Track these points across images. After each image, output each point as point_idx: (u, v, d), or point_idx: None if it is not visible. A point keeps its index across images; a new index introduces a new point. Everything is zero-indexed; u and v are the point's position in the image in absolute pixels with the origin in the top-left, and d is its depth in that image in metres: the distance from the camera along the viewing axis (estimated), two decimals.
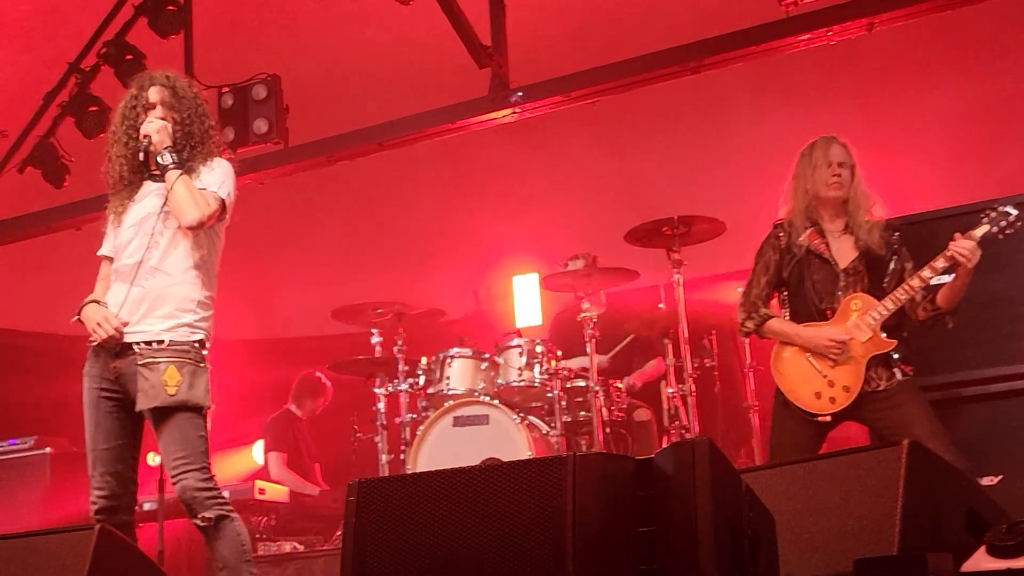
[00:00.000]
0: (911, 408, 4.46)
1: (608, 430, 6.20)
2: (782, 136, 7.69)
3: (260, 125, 6.92)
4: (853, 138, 4.91)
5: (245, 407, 8.94)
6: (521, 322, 8.47)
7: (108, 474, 4.11)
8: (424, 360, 6.52)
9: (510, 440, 5.99)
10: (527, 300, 8.69)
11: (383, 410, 6.64)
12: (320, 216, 9.29)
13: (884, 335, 4.51)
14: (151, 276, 4.13)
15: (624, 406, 6.44)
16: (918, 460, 2.90)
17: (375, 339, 6.79)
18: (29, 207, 7.58)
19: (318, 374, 8.10)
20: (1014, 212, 4.45)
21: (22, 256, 8.18)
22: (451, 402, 6.22)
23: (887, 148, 7.35)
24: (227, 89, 7.04)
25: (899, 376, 4.52)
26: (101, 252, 4.40)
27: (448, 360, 6.41)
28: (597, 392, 6.09)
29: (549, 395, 6.24)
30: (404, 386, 6.53)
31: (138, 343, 4.07)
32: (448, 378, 6.35)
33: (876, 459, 2.96)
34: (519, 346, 6.31)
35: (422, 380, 6.47)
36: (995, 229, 4.44)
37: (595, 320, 6.17)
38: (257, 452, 8.64)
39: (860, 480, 2.95)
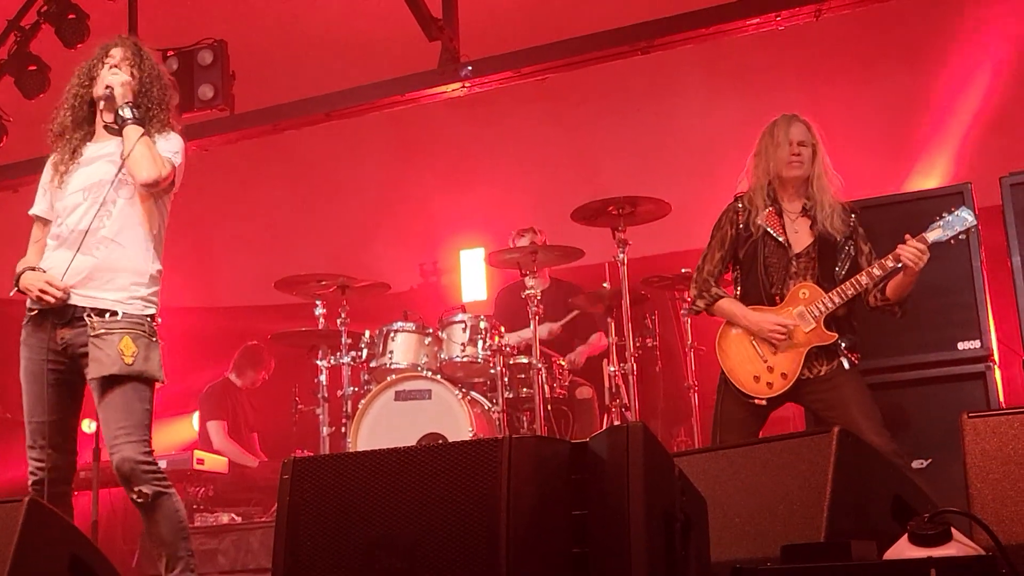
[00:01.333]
0: (848, 390, 4.52)
1: (550, 407, 6.23)
2: (730, 120, 7.77)
3: (205, 91, 6.85)
4: None
5: (185, 377, 8.86)
6: (467, 296, 8.48)
7: (49, 446, 4.03)
8: (367, 333, 6.50)
9: (452, 415, 6.00)
10: (473, 275, 8.70)
11: (325, 383, 6.61)
12: (265, 185, 9.21)
13: (833, 324, 4.55)
14: (102, 246, 4.03)
15: (566, 384, 6.48)
16: (848, 447, 2.95)
17: (318, 311, 6.74)
18: None
19: (261, 347, 8.04)
20: (971, 220, 4.49)
21: None
22: (394, 376, 6.22)
23: (830, 135, 7.41)
24: (172, 53, 6.95)
25: (843, 364, 4.57)
26: (35, 212, 4.28)
27: (391, 334, 6.39)
28: (539, 369, 6.11)
29: (492, 371, 6.25)
30: (347, 359, 6.50)
31: (89, 313, 3.97)
32: (391, 352, 6.34)
33: (807, 445, 3.00)
34: (463, 322, 6.31)
35: (365, 353, 6.45)
36: (948, 234, 4.48)
37: (539, 297, 6.18)
38: (196, 421, 8.58)
39: (791, 466, 3.00)
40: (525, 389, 6.33)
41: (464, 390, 6.17)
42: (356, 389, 6.45)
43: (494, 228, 8.21)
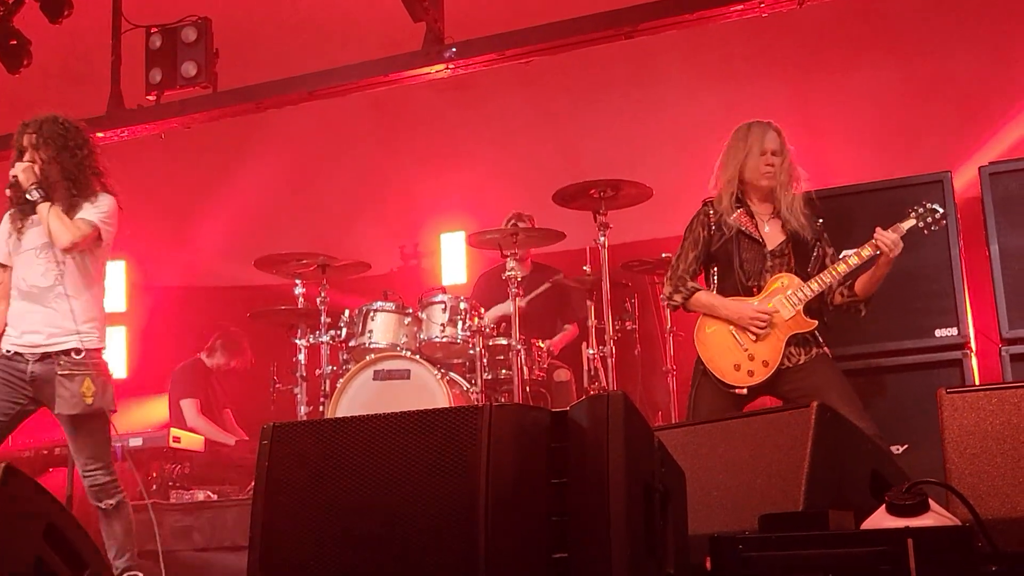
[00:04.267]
0: (825, 376, 4.56)
1: (528, 389, 6.23)
2: (712, 108, 7.79)
3: (189, 68, 6.81)
4: (781, 114, 4.98)
5: (166, 354, 8.83)
6: (447, 279, 8.46)
7: None
8: (347, 313, 6.49)
9: (430, 395, 6.00)
10: (454, 258, 8.68)
11: (303, 361, 6.60)
12: (247, 164, 9.16)
13: (809, 315, 4.59)
14: (62, 300, 4.78)
15: (545, 366, 6.49)
16: (826, 422, 2.97)
17: (298, 290, 6.73)
18: None
19: (240, 333, 8.00)
20: (940, 210, 4.57)
21: None
22: (373, 355, 6.21)
23: (814, 124, 7.45)
24: (156, 30, 6.92)
25: (820, 353, 4.61)
26: None
27: (371, 314, 6.39)
28: (519, 351, 6.11)
29: (471, 352, 6.26)
30: (326, 338, 6.49)
31: (56, 354, 4.74)
32: (370, 331, 6.33)
33: (787, 420, 3.02)
34: (443, 302, 6.31)
35: (344, 333, 6.44)
36: (920, 224, 4.56)
37: (520, 279, 6.19)
38: (169, 394, 8.53)
39: (771, 439, 3.02)
40: (504, 370, 6.34)
41: (443, 370, 6.17)
42: (335, 368, 6.44)
43: (475, 211, 8.21)
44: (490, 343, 6.31)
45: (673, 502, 2.75)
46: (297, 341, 6.64)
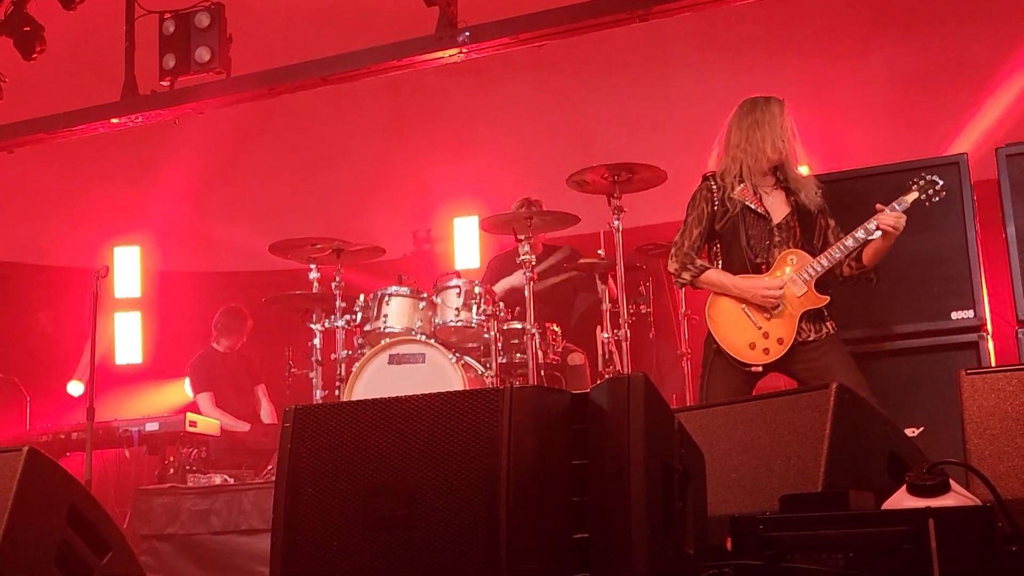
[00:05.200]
0: (835, 358, 4.58)
1: (543, 372, 6.25)
2: (726, 91, 7.72)
3: (202, 54, 6.80)
4: (795, 97, 4.96)
5: (181, 339, 8.88)
6: (460, 264, 8.48)
7: None
8: (362, 297, 6.51)
9: (445, 379, 6.01)
10: (467, 242, 8.69)
11: (319, 346, 6.62)
12: (261, 150, 9.19)
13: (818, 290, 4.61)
14: None
15: (559, 349, 6.50)
16: (845, 403, 2.97)
17: (313, 275, 6.74)
18: None
19: (238, 308, 8.03)
20: (940, 181, 4.59)
21: None
22: (388, 340, 6.23)
23: (828, 107, 7.44)
24: (169, 15, 6.90)
25: (828, 329, 4.62)
26: None
27: (386, 298, 6.41)
28: (533, 335, 6.13)
29: (485, 336, 6.28)
30: (341, 323, 6.51)
31: None
32: (385, 316, 6.35)
33: (805, 401, 3.02)
34: (457, 286, 6.33)
35: (359, 317, 6.46)
36: (923, 196, 4.61)
37: (533, 263, 6.19)
38: (188, 385, 8.59)
39: (789, 421, 3.02)
40: (518, 354, 6.35)
41: (458, 354, 6.19)
42: (350, 353, 6.46)
43: (488, 196, 8.21)
44: (504, 327, 6.32)
45: (693, 483, 2.76)
46: (312, 326, 6.66)
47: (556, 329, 6.51)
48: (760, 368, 4.61)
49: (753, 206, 4.67)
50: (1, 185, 8.54)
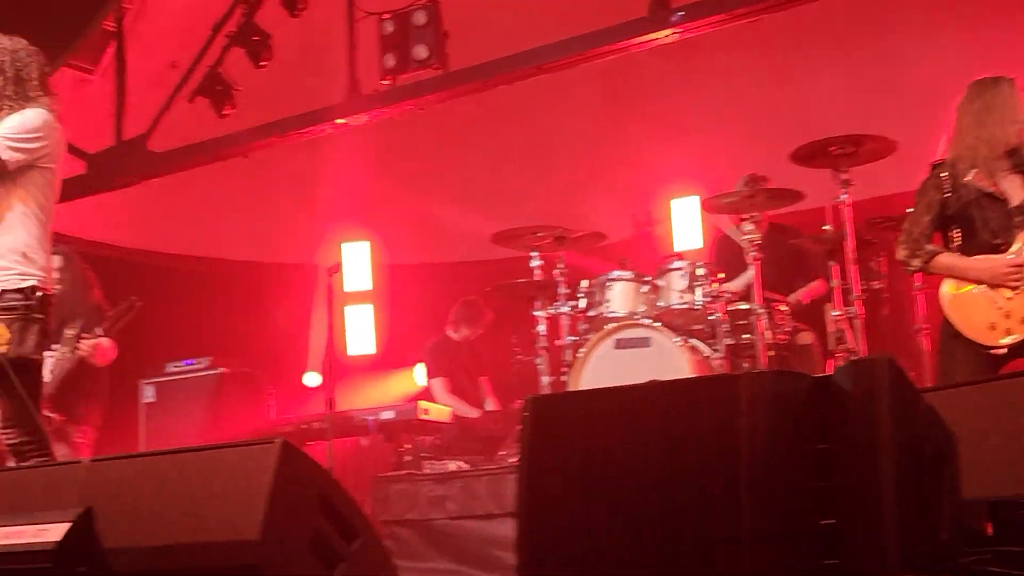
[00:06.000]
0: None
1: (771, 353, 6.13)
2: (954, 54, 7.42)
3: (420, 51, 6.97)
4: None
5: (411, 329, 9.15)
6: (680, 245, 8.40)
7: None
8: (585, 283, 6.54)
9: (672, 363, 5.98)
10: (686, 223, 8.60)
11: (544, 333, 6.69)
12: (478, 141, 9.35)
13: None
14: None
15: (788, 329, 6.36)
16: None
17: (535, 262, 6.82)
18: (198, 136, 7.82)
19: (478, 300, 8.21)
20: None
21: (194, 184, 8.47)
22: (612, 325, 6.24)
23: None
24: (388, 16, 7.11)
25: None
26: None
27: (608, 283, 6.42)
28: (760, 315, 6.02)
29: (711, 317, 6.20)
30: (565, 309, 6.56)
31: None
32: (609, 301, 6.36)
33: None
34: (680, 268, 6.28)
35: (583, 303, 6.50)
36: None
37: (758, 242, 6.08)
38: (418, 374, 8.85)
39: None
40: (745, 335, 6.25)
41: (683, 337, 6.14)
42: (575, 339, 6.50)
43: (707, 176, 8.08)
44: (730, 308, 6.23)
45: (946, 466, 2.66)
46: (536, 313, 6.74)
47: (783, 308, 6.37)
48: (1004, 350, 4.40)
49: (990, 190, 4.48)
50: (238, 188, 9.00)
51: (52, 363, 6.38)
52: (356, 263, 9.57)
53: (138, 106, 7.99)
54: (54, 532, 3.17)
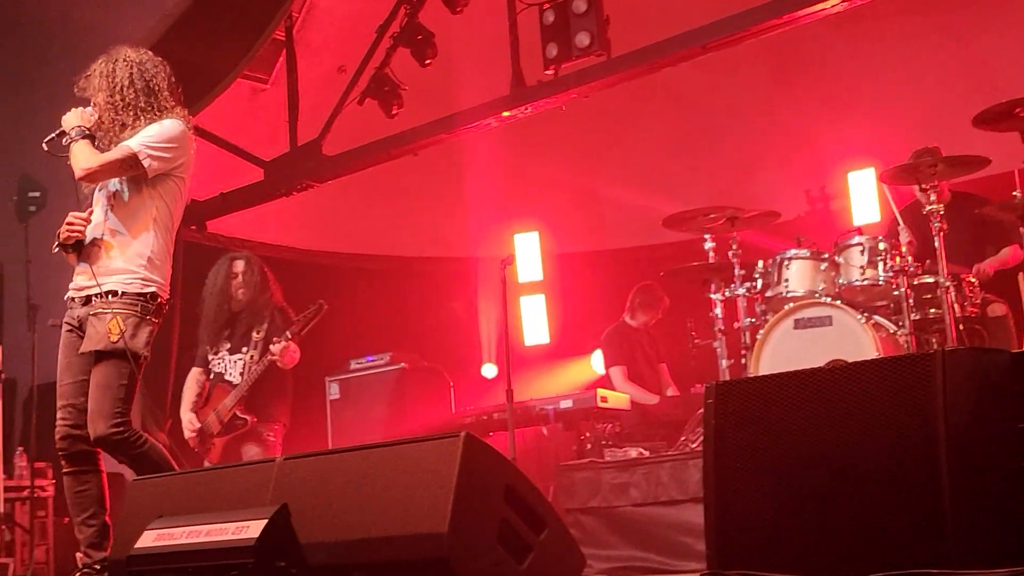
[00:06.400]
0: None
1: (961, 327, 5.88)
2: None
3: (582, 39, 6.93)
4: None
5: (580, 320, 9.16)
6: (859, 220, 8.15)
7: (70, 406, 4.49)
8: (761, 263, 6.42)
9: (855, 341, 5.80)
10: (864, 197, 8.33)
11: (720, 316, 6.59)
12: (643, 125, 9.27)
13: None
14: (107, 239, 4.49)
15: (977, 301, 6.09)
16: None
17: (708, 244, 6.71)
18: (369, 137, 7.99)
19: (655, 285, 8.16)
20: None
21: (367, 184, 8.66)
22: (791, 304, 6.10)
23: None
24: (548, 5, 7.10)
25: None
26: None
27: (786, 262, 6.28)
28: (948, 288, 5.79)
29: (895, 293, 5.99)
30: (741, 291, 6.44)
31: (97, 296, 4.44)
32: (787, 280, 6.22)
33: None
34: (860, 244, 6.08)
35: (759, 284, 6.37)
36: None
37: (942, 213, 5.84)
38: (595, 362, 8.85)
39: None
40: (932, 310, 6.00)
41: (866, 314, 5.95)
42: (753, 320, 6.38)
43: (882, 146, 7.82)
44: (915, 282, 6.01)
45: None
46: (712, 296, 6.63)
47: (972, 279, 6.11)
48: None
49: None
50: (409, 186, 9.16)
51: (242, 366, 6.64)
52: (527, 253, 9.63)
53: (310, 111, 8.21)
54: (253, 528, 3.29)
